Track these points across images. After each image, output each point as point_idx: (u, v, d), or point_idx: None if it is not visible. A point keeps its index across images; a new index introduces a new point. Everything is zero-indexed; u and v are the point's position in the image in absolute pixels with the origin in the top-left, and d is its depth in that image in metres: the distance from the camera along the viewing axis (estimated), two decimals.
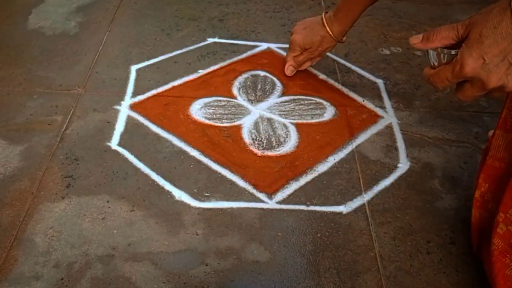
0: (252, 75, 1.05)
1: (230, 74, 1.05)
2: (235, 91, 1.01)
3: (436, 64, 0.59)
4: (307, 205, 0.80)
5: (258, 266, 0.71)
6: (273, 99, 1.00)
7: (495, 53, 0.51)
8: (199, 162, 0.86)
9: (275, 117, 0.96)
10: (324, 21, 0.94)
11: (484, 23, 0.52)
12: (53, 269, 0.69)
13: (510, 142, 0.65)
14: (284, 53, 1.12)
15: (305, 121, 0.95)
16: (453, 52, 0.56)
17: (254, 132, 0.92)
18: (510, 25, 0.50)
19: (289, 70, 1.03)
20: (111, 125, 0.92)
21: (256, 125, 0.93)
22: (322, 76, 1.07)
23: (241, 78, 1.04)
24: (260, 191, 0.82)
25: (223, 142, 0.90)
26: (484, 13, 0.53)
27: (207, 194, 0.81)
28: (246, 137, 0.91)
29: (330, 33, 0.94)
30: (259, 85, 1.03)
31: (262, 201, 0.80)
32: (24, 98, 0.97)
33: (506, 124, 0.65)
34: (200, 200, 0.80)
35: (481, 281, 0.70)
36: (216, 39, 1.16)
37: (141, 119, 0.94)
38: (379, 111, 0.98)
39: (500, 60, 0.52)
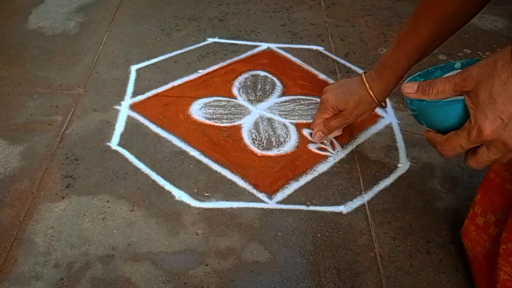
0: (252, 75, 1.05)
1: (230, 74, 1.05)
2: (235, 91, 1.01)
3: None
4: (307, 205, 0.80)
5: (258, 266, 0.71)
6: (273, 99, 1.00)
7: None
8: (199, 162, 0.86)
9: (275, 117, 0.96)
10: (364, 79, 0.80)
11: (492, 80, 0.48)
12: (53, 269, 0.69)
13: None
14: (284, 53, 1.12)
15: (305, 121, 0.95)
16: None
17: (254, 132, 0.92)
18: None
19: (317, 135, 0.88)
20: (111, 125, 0.92)
21: (256, 125, 0.93)
22: (322, 76, 1.07)
23: (241, 78, 1.04)
24: (260, 191, 0.82)
25: (223, 142, 0.90)
26: (487, 67, 0.49)
27: (207, 194, 0.81)
28: (246, 137, 0.91)
29: (369, 91, 0.79)
30: (259, 85, 1.03)
31: (262, 201, 0.80)
32: (24, 98, 0.97)
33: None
34: (200, 200, 0.80)
35: None
36: (216, 39, 1.16)
37: (141, 119, 0.94)
38: (379, 111, 0.98)
39: None
